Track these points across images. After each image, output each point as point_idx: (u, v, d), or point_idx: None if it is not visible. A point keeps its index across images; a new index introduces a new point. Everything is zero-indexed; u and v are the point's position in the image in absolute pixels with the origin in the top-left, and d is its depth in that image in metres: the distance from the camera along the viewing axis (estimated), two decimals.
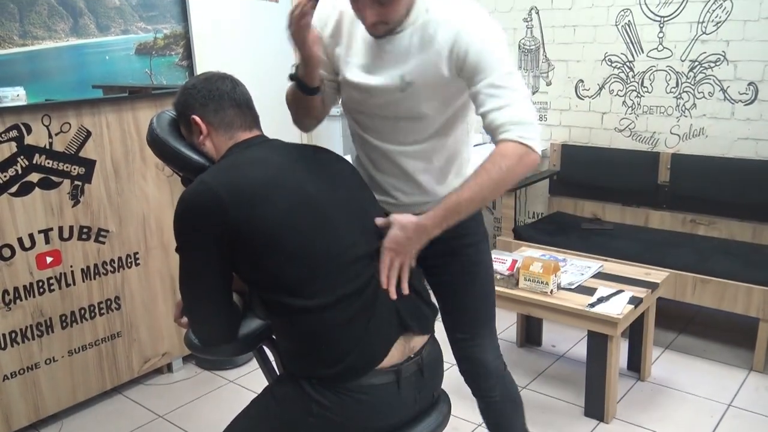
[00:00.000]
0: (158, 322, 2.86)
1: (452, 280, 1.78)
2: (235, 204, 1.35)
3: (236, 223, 1.35)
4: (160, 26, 4.42)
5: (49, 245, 2.44)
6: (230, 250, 1.37)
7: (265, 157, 1.46)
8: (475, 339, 1.80)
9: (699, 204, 3.39)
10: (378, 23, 1.49)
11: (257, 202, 1.36)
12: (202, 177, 1.41)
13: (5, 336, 2.37)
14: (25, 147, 2.33)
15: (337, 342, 1.37)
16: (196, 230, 1.40)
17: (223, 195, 1.35)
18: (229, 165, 1.45)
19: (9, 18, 3.71)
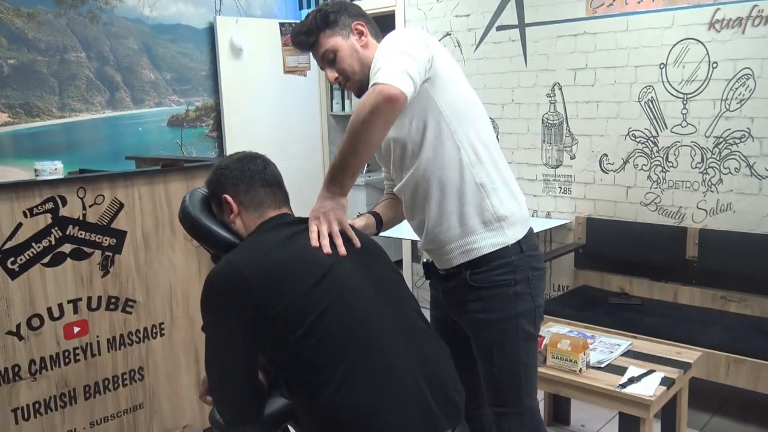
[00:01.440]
0: (180, 394, 2.84)
1: (477, 352, 1.82)
2: (259, 284, 1.36)
3: (260, 302, 1.36)
4: (193, 99, 4.59)
5: (77, 315, 2.46)
6: (255, 330, 1.38)
7: (291, 237, 1.48)
8: (501, 415, 1.82)
9: (729, 280, 3.33)
10: (340, 80, 1.75)
11: (282, 282, 1.38)
12: (228, 256, 1.43)
13: (29, 407, 2.36)
14: (59, 218, 2.39)
15: (362, 427, 1.35)
16: (221, 309, 1.41)
17: (248, 275, 1.37)
18: (255, 244, 1.47)
19: (49, 92, 3.88)
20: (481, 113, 1.75)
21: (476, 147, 1.68)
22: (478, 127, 1.71)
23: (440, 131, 1.67)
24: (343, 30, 1.72)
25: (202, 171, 2.78)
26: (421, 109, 1.66)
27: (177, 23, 4.44)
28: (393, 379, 1.37)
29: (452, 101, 1.67)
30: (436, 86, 1.65)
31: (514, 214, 1.73)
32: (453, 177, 1.69)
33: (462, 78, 1.74)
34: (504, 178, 1.73)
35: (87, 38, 4.00)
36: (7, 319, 2.28)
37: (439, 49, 1.67)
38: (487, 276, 1.72)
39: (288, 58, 4.92)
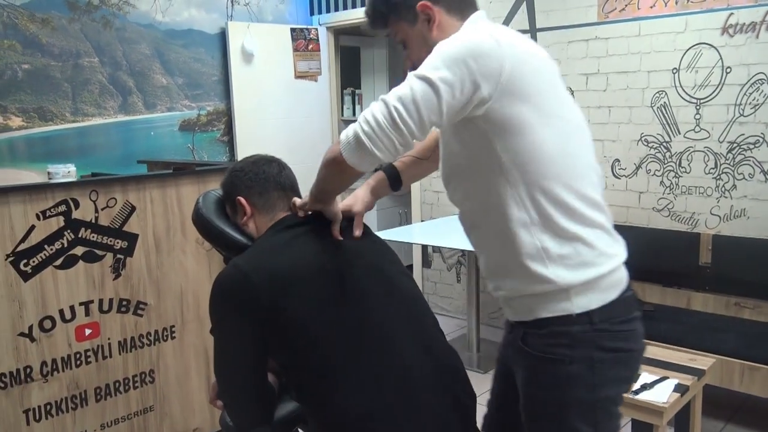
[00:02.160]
0: (190, 397, 2.84)
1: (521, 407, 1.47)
2: (266, 288, 1.35)
3: (268, 306, 1.35)
4: (204, 104, 4.61)
5: (88, 317, 2.47)
6: (262, 333, 1.37)
7: (300, 239, 1.47)
8: None
9: (743, 287, 3.30)
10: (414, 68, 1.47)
11: (289, 286, 1.37)
12: (236, 260, 1.43)
13: (41, 408, 2.37)
14: (72, 221, 2.40)
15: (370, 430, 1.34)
16: (228, 313, 1.41)
17: (255, 279, 1.36)
18: (263, 248, 1.47)
19: (63, 96, 3.90)
20: (573, 162, 1.34)
21: (545, 207, 1.31)
22: (560, 181, 1.31)
23: (496, 183, 1.33)
24: (407, 13, 1.43)
25: (214, 175, 2.79)
26: (475, 147, 1.34)
27: (189, 28, 4.46)
28: (404, 383, 1.36)
29: (520, 151, 1.29)
30: (497, 128, 1.29)
31: (589, 281, 1.33)
32: (507, 234, 1.35)
33: (552, 117, 1.32)
34: (589, 239, 1.34)
35: (100, 43, 4.03)
36: (20, 321, 2.30)
37: (512, 77, 1.25)
38: (539, 342, 1.37)
39: (299, 63, 4.94)
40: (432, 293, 4.84)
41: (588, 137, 1.43)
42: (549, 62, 1.37)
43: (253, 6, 4.80)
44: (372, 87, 5.83)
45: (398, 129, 1.22)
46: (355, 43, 5.75)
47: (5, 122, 3.65)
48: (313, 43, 5.01)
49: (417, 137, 1.26)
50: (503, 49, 1.25)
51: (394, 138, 1.23)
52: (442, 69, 1.22)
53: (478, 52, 1.24)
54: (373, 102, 1.26)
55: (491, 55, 1.24)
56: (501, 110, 1.26)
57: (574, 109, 1.39)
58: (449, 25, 1.40)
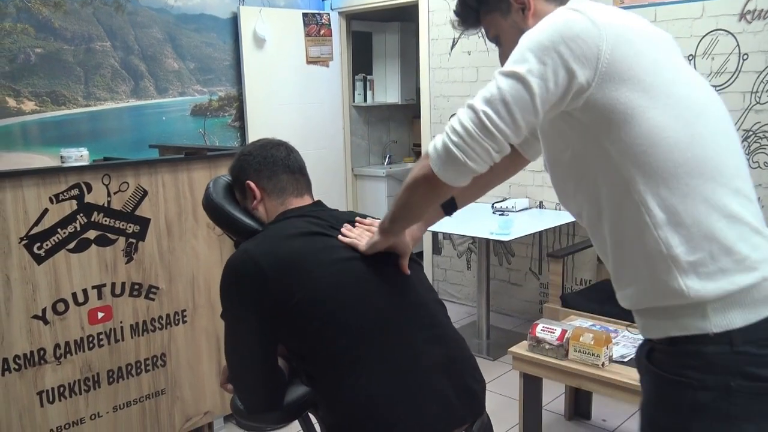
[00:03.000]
0: (201, 381, 2.86)
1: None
2: (275, 274, 1.36)
3: (276, 293, 1.35)
4: (216, 89, 4.60)
5: (101, 301, 2.49)
6: (272, 319, 1.38)
7: (311, 228, 1.47)
8: None
9: None
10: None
11: (298, 273, 1.37)
12: (246, 246, 1.43)
13: (54, 390, 2.40)
14: (84, 205, 2.41)
15: (381, 417, 1.34)
16: (237, 298, 1.41)
17: (264, 265, 1.36)
18: (274, 234, 1.47)
19: (75, 81, 3.91)
20: (702, 147, 1.14)
21: (670, 203, 1.13)
22: (687, 170, 1.13)
23: (609, 181, 1.18)
24: (500, 3, 1.29)
25: (225, 159, 2.79)
26: (580, 143, 1.21)
27: (201, 13, 4.45)
28: (412, 369, 1.36)
29: (633, 141, 1.13)
30: (604, 119, 1.14)
31: (731, 295, 1.13)
32: (627, 238, 1.20)
33: (669, 98, 1.13)
34: (728, 239, 1.13)
35: (112, 28, 4.03)
36: (33, 304, 2.32)
37: (612, 58, 1.11)
38: (666, 361, 1.21)
39: (311, 49, 4.92)
40: (442, 280, 4.84)
41: (724, 118, 1.22)
42: (661, 39, 1.21)
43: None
44: (384, 72, 5.80)
45: (491, 135, 1.11)
46: (367, 29, 5.72)
47: (18, 106, 3.67)
48: (325, 28, 4.98)
49: (513, 141, 1.15)
50: (600, 29, 1.10)
51: (488, 145, 1.12)
52: (530, 60, 1.10)
53: (570, 34, 1.10)
54: (460, 108, 1.15)
55: (585, 37, 1.10)
56: (604, 98, 1.12)
57: (700, 87, 1.20)
58: (547, 11, 1.21)
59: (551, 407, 3.11)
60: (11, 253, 2.25)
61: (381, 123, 5.93)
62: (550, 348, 2.50)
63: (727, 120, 1.22)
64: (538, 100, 1.10)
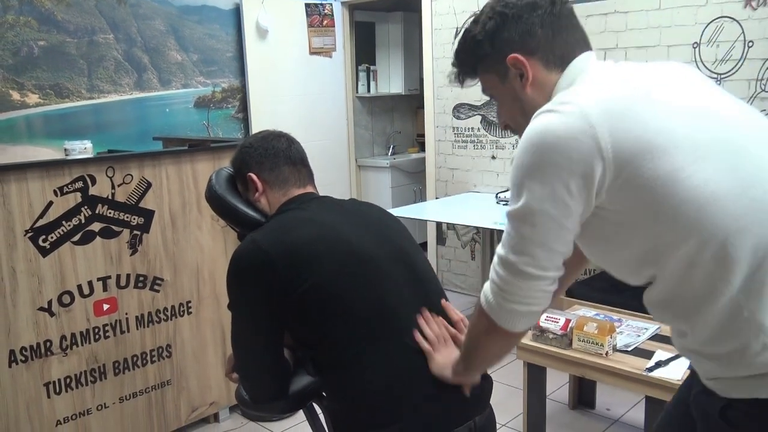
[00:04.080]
0: (207, 371, 2.87)
1: None
2: (283, 263, 1.36)
3: (285, 281, 1.36)
4: (219, 80, 4.60)
5: (106, 293, 2.50)
6: (280, 308, 1.38)
7: (315, 216, 1.48)
8: None
9: None
10: (507, 127, 1.28)
11: (306, 261, 1.38)
12: (253, 236, 1.43)
13: (60, 381, 2.41)
14: (89, 197, 2.42)
15: (387, 406, 1.35)
16: (245, 288, 1.42)
17: (272, 254, 1.37)
18: (280, 224, 1.47)
19: (78, 73, 3.91)
20: (757, 192, 1.01)
21: (734, 268, 1.01)
22: (743, 227, 1.01)
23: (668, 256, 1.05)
24: (497, 67, 1.18)
25: (229, 151, 2.79)
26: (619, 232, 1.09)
27: (203, 4, 4.44)
28: (420, 360, 1.37)
29: (684, 216, 1.01)
30: (645, 211, 1.03)
31: None
32: (699, 313, 1.08)
33: (702, 147, 1.02)
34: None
35: (115, 20, 4.02)
36: (39, 296, 2.33)
37: (617, 139, 1.00)
38: (751, 423, 1.11)
39: (314, 39, 4.91)
40: (446, 270, 4.85)
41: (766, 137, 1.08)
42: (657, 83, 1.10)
43: None
44: (387, 63, 5.78)
45: (538, 277, 1.07)
46: (370, 19, 5.70)
47: (22, 99, 3.67)
48: (327, 19, 4.97)
49: (560, 266, 1.09)
50: (587, 117, 1.00)
51: (541, 287, 1.08)
52: (531, 188, 1.03)
53: (556, 142, 1.01)
54: (494, 264, 1.12)
55: (575, 135, 1.00)
56: (630, 183, 1.01)
57: (733, 118, 1.08)
58: (547, 81, 1.15)
59: (555, 396, 3.12)
60: (16, 246, 2.26)
61: (384, 113, 5.92)
62: (554, 337, 2.50)
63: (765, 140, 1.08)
64: (562, 219, 1.04)
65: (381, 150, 5.87)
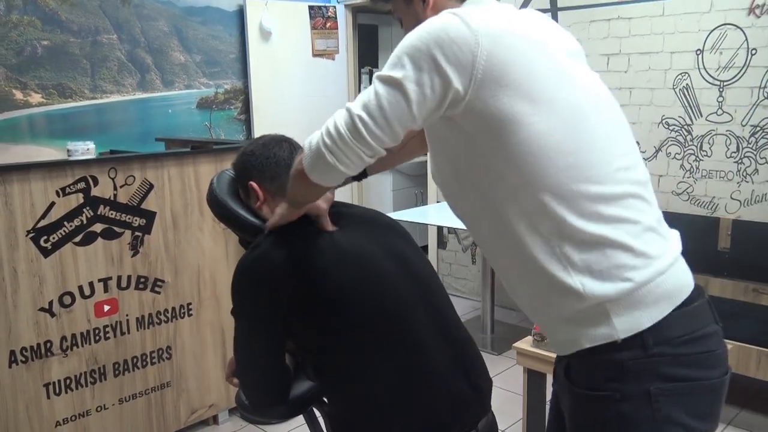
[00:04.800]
0: (207, 374, 2.87)
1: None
2: (291, 269, 1.36)
3: (291, 288, 1.36)
4: (222, 81, 4.60)
5: (107, 294, 2.50)
6: (285, 315, 1.38)
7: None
8: None
9: (762, 272, 3.26)
10: None
11: (314, 269, 1.37)
12: (260, 242, 1.43)
13: (60, 382, 2.41)
14: (91, 198, 2.42)
15: (388, 413, 1.35)
16: (251, 293, 1.41)
17: (281, 263, 1.36)
18: (289, 230, 1.47)
19: (81, 73, 3.92)
20: (586, 151, 1.12)
21: (555, 210, 1.11)
22: (570, 176, 1.11)
23: (494, 190, 1.16)
24: None
25: (231, 153, 2.79)
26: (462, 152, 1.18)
27: (207, 6, 4.44)
28: (422, 367, 1.37)
29: (513, 150, 1.10)
30: (483, 128, 1.11)
31: (629, 294, 1.11)
32: (519, 247, 1.16)
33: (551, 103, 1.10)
34: (617, 239, 1.11)
35: (119, 20, 4.02)
36: (40, 296, 2.33)
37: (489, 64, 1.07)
38: (584, 376, 1.17)
39: (317, 42, 4.91)
40: (447, 274, 4.84)
41: (612, 119, 1.20)
42: (552, 40, 1.17)
43: None
44: None
45: (364, 141, 1.10)
46: (373, 21, 5.71)
47: (25, 99, 3.68)
48: (331, 21, 4.97)
49: (389, 146, 1.13)
50: (476, 34, 1.07)
51: (360, 151, 1.11)
52: (406, 65, 1.08)
53: (444, 40, 1.07)
54: (339, 110, 1.14)
55: (459, 43, 1.06)
56: (483, 105, 1.08)
57: (588, 89, 1.18)
58: (447, 6, 1.19)
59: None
60: (18, 246, 2.26)
61: None
62: None
63: (616, 119, 1.22)
64: (415, 106, 1.08)
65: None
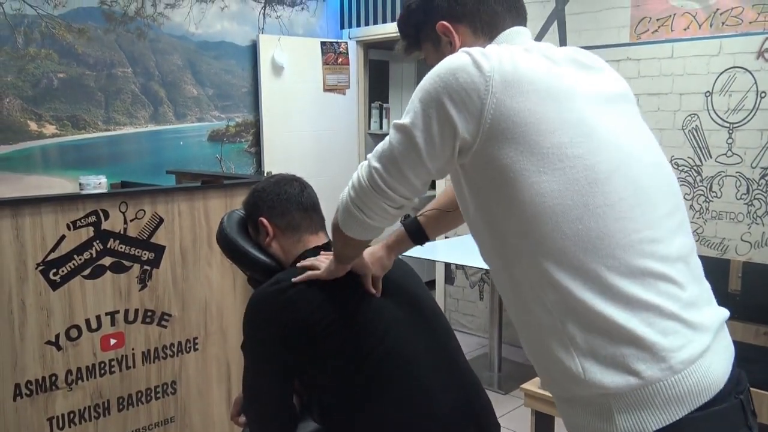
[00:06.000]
0: (211, 409, 2.85)
1: None
2: (306, 307, 1.37)
3: (304, 325, 1.36)
4: (233, 115, 4.65)
5: (114, 327, 2.50)
6: (296, 352, 1.38)
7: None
8: None
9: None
10: None
11: (327, 306, 1.38)
12: (278, 277, 1.44)
13: (64, 416, 2.40)
14: (101, 232, 2.43)
15: None
16: (264, 329, 1.42)
17: (295, 298, 1.37)
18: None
19: (96, 105, 3.97)
20: (600, 217, 0.99)
21: (558, 280, 1.00)
22: (579, 246, 0.99)
23: (501, 245, 1.08)
24: (431, 34, 1.21)
25: (241, 189, 2.81)
26: (476, 203, 1.11)
27: (221, 40, 4.52)
28: (430, 410, 1.36)
29: (520, 216, 1.02)
30: (490, 180, 1.04)
31: (638, 391, 0.97)
32: (526, 310, 1.08)
33: (564, 159, 1.00)
34: (628, 325, 0.97)
35: (134, 54, 4.09)
36: (47, 329, 2.33)
37: (498, 112, 0.99)
38: None
39: (328, 77, 4.97)
40: (454, 310, 4.82)
41: (643, 181, 1.04)
42: (578, 86, 1.05)
43: (284, 19, 4.84)
44: (400, 100, 5.84)
45: (384, 192, 1.08)
46: (384, 57, 5.78)
47: (39, 129, 3.73)
48: (342, 57, 5.04)
49: (408, 197, 1.09)
50: (488, 80, 0.99)
51: (382, 203, 1.08)
52: (417, 112, 1.04)
53: (453, 85, 1.00)
54: (363, 161, 1.14)
55: (468, 88, 1.00)
56: (488, 157, 1.01)
57: (615, 146, 1.03)
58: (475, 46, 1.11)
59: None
60: (28, 279, 2.27)
61: None
62: None
63: (655, 185, 1.06)
64: (425, 155, 1.04)
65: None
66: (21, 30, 3.59)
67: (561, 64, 1.07)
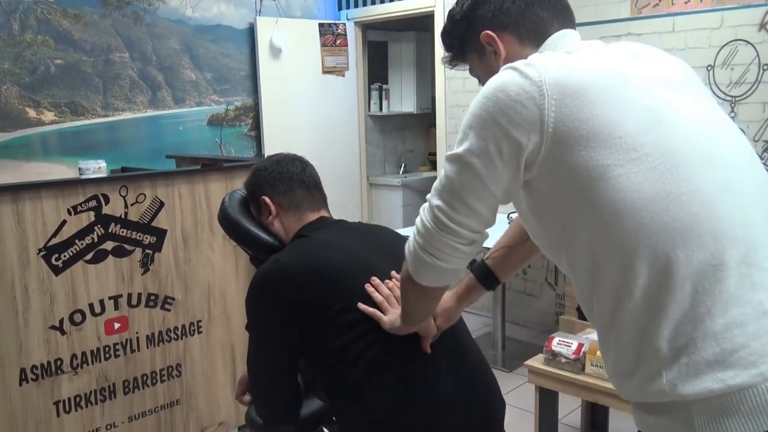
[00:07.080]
0: (216, 391, 2.86)
1: None
2: (308, 284, 1.37)
3: (307, 302, 1.36)
4: (232, 99, 4.63)
5: (117, 311, 2.51)
6: (300, 328, 1.38)
7: (336, 240, 1.48)
8: None
9: None
10: None
11: (331, 284, 1.38)
12: (278, 256, 1.44)
13: (70, 400, 2.41)
14: (102, 216, 2.43)
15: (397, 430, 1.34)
16: (267, 308, 1.42)
17: (297, 275, 1.37)
18: (303, 247, 1.48)
19: (94, 91, 3.95)
20: (693, 204, 0.94)
21: (645, 281, 0.96)
22: (669, 240, 0.94)
23: (581, 255, 1.03)
24: (475, 45, 1.18)
25: (241, 171, 2.80)
26: (546, 219, 1.08)
27: (218, 24, 4.48)
28: (435, 388, 1.36)
29: (603, 218, 0.97)
30: (565, 187, 1.00)
31: (722, 398, 0.92)
32: (607, 316, 1.03)
33: (643, 147, 0.96)
34: (716, 325, 0.92)
35: (131, 39, 4.07)
36: (51, 314, 2.34)
37: (561, 116, 0.96)
38: None
39: (327, 59, 4.94)
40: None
41: (729, 161, 1.01)
42: (633, 71, 1.03)
43: (281, 1, 4.80)
44: (399, 82, 5.80)
45: (451, 230, 1.02)
46: (382, 38, 5.73)
47: (38, 116, 3.71)
48: (340, 38, 5.00)
49: (478, 230, 1.04)
50: (541, 86, 0.97)
51: (451, 241, 1.03)
52: (471, 138, 1.00)
53: (504, 101, 0.97)
54: (424, 203, 1.08)
55: (522, 99, 0.97)
56: (559, 165, 0.97)
57: (691, 128, 0.99)
58: (521, 57, 1.07)
59: (567, 420, 3.08)
60: (30, 264, 2.27)
61: (396, 132, 5.93)
62: (566, 362, 2.47)
63: (742, 166, 1.01)
64: (487, 179, 1.00)
65: (393, 168, 5.88)
66: (16, 16, 3.56)
67: (611, 57, 1.06)
